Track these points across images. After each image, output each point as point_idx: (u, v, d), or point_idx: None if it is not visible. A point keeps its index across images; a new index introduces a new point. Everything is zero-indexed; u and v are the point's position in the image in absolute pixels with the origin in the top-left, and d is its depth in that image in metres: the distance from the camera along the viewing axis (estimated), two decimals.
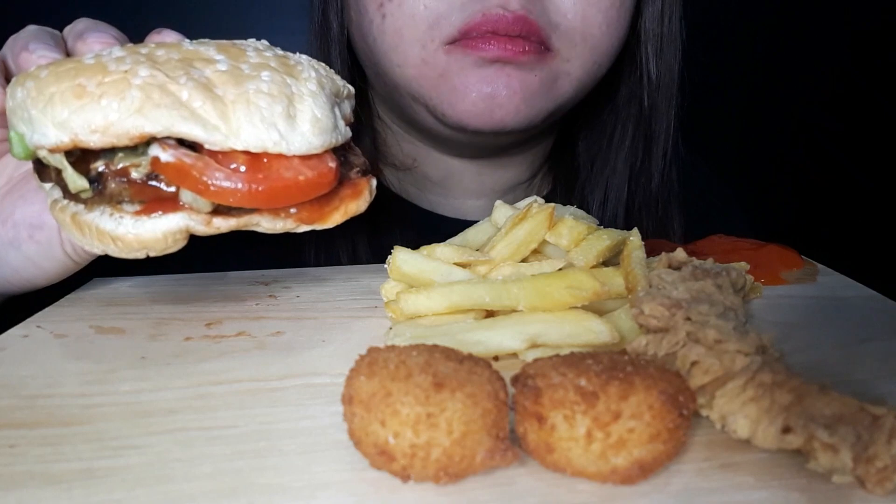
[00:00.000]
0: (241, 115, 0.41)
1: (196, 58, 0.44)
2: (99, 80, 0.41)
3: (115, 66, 0.41)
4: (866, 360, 0.45)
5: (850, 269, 0.61)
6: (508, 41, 0.64)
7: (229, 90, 0.42)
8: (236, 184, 0.42)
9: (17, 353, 0.48)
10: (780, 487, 0.32)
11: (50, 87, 0.41)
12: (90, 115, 0.40)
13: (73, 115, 0.40)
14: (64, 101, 0.41)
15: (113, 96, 0.40)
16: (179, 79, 0.41)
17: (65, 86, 0.41)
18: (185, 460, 0.35)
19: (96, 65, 0.42)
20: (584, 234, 0.51)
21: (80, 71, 0.42)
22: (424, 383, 0.31)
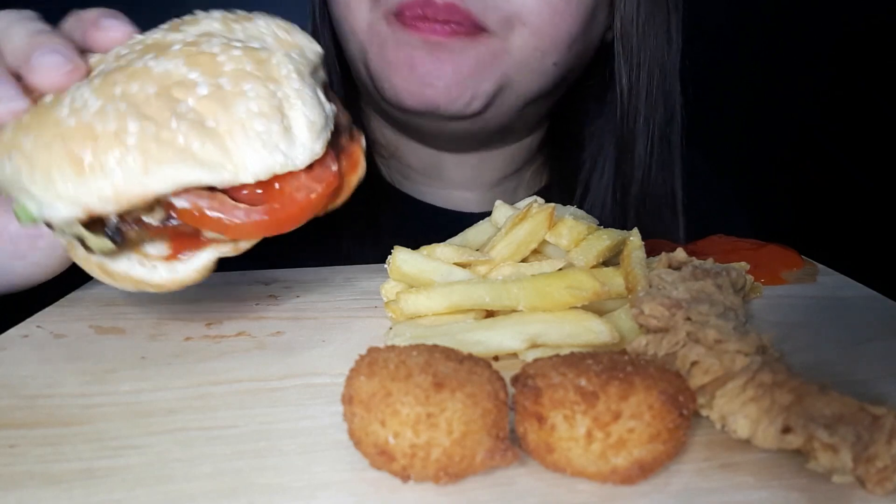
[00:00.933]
0: (242, 145, 0.41)
1: (172, 83, 0.41)
2: (92, 148, 0.39)
3: (102, 126, 0.40)
4: (866, 360, 0.45)
5: (850, 269, 0.61)
6: (437, 24, 0.66)
7: (221, 118, 0.41)
8: (254, 217, 0.42)
9: (17, 353, 0.48)
10: (780, 487, 0.32)
11: (40, 159, 0.40)
12: (97, 186, 0.39)
13: (80, 190, 0.40)
14: (65, 177, 0.40)
15: (114, 164, 0.39)
16: (170, 123, 0.40)
17: (58, 157, 0.40)
18: (185, 460, 0.35)
19: (78, 125, 0.40)
20: (584, 234, 0.51)
21: (66, 135, 0.40)
22: (424, 383, 0.31)
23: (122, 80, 0.41)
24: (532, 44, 0.70)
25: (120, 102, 0.40)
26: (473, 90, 0.69)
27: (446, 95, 0.69)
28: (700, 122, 0.84)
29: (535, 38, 0.69)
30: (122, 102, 0.40)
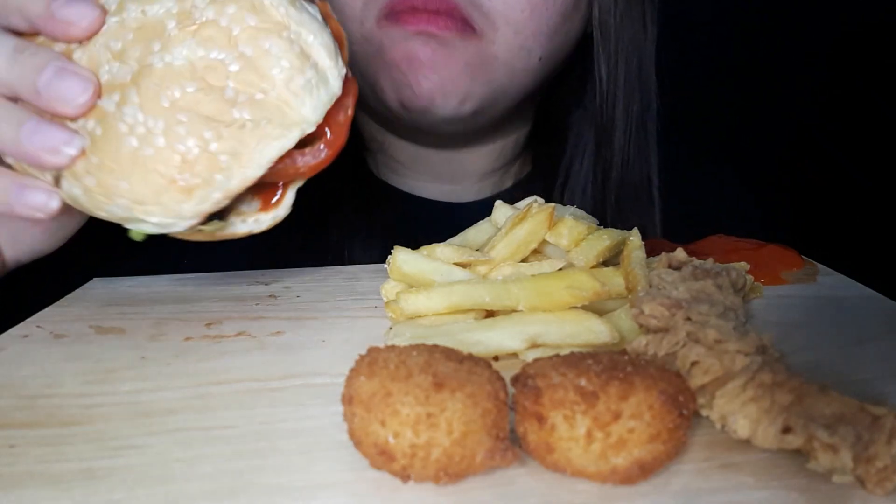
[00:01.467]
0: (295, 104, 0.44)
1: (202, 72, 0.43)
2: (189, 171, 0.43)
3: (182, 146, 0.43)
4: (866, 360, 0.45)
5: (850, 269, 0.61)
6: (430, 16, 0.66)
7: (265, 87, 0.44)
8: (322, 153, 0.48)
9: (17, 353, 0.48)
10: (780, 487, 0.32)
11: (146, 195, 0.44)
12: (209, 196, 0.44)
13: (196, 206, 0.44)
14: (178, 200, 0.44)
15: (215, 174, 0.43)
16: (232, 113, 0.43)
17: (163, 189, 0.43)
18: (185, 460, 0.35)
19: (159, 154, 0.43)
20: (584, 234, 0.51)
21: (155, 167, 0.43)
22: (424, 383, 0.31)
23: (157, 89, 0.43)
24: (517, 42, 0.70)
25: (178, 115, 0.43)
26: (466, 89, 0.70)
27: (441, 89, 0.69)
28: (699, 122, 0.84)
29: (520, 37, 0.70)
30: (179, 114, 0.43)
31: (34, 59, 0.44)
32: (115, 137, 0.43)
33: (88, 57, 0.44)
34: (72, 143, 0.44)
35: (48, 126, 0.44)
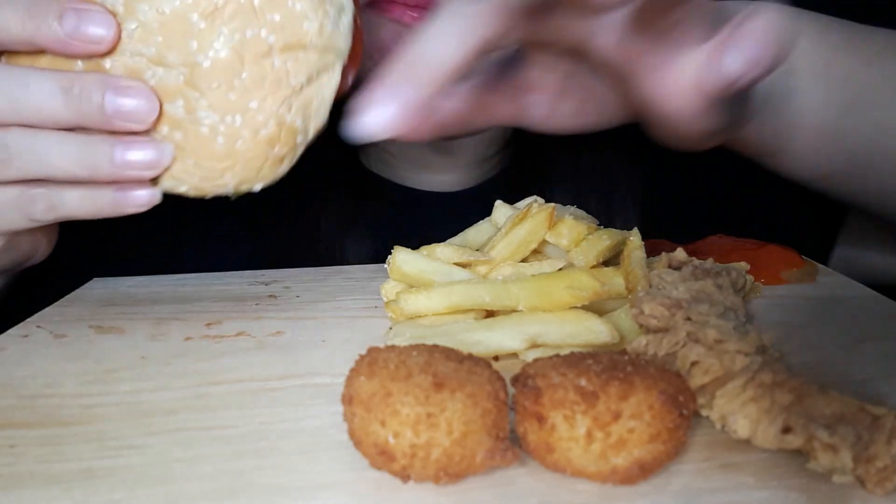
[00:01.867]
0: (331, 44, 0.48)
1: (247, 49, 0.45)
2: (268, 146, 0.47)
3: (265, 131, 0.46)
4: (866, 360, 0.45)
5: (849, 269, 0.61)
6: (408, 8, 0.64)
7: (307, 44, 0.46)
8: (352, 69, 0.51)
9: (17, 353, 0.48)
10: (780, 487, 0.32)
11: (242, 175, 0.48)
12: (297, 153, 0.49)
13: (289, 164, 0.49)
14: (273, 168, 0.48)
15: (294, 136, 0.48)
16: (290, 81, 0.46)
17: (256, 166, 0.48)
18: (185, 460, 0.35)
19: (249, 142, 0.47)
20: (584, 234, 0.51)
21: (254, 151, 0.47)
22: (424, 383, 0.31)
23: (219, 88, 0.45)
24: None
25: (248, 104, 0.46)
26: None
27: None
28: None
29: None
30: (250, 102, 0.46)
31: (89, 90, 0.44)
32: (202, 140, 0.46)
33: (124, 66, 0.45)
34: (163, 153, 0.46)
35: (135, 146, 0.45)
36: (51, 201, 0.48)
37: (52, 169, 0.46)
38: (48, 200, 0.48)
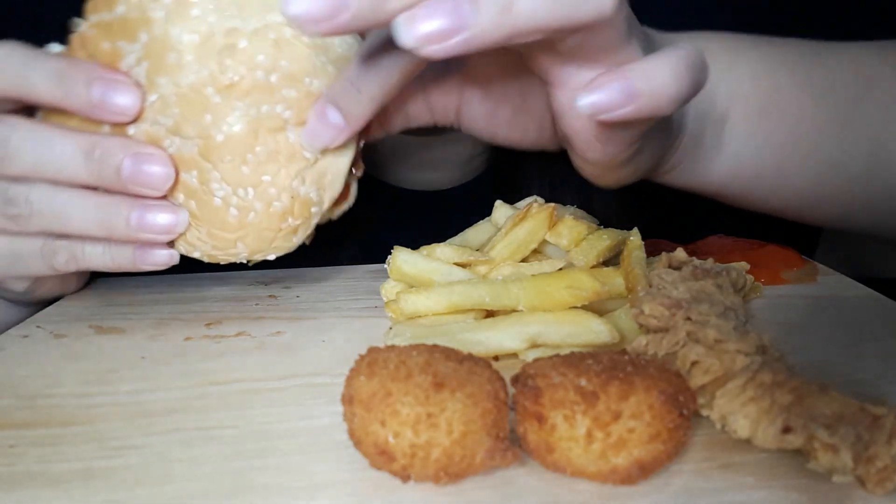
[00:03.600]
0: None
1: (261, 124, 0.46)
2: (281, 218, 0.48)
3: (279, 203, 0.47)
4: (866, 360, 0.45)
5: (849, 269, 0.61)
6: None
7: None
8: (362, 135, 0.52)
9: (17, 353, 0.48)
10: (780, 487, 0.32)
11: (255, 245, 0.49)
12: (311, 225, 0.50)
13: (302, 236, 0.50)
14: (286, 239, 0.49)
15: (308, 208, 0.49)
16: (304, 153, 0.47)
17: (269, 238, 0.48)
18: (185, 460, 0.35)
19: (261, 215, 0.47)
20: (584, 234, 0.51)
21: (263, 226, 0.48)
22: (424, 383, 0.31)
23: (232, 161, 0.46)
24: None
25: (262, 177, 0.46)
26: None
27: None
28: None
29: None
30: (263, 176, 0.46)
31: (110, 154, 0.45)
32: (215, 211, 0.47)
33: (146, 133, 0.46)
34: (178, 218, 0.47)
35: (152, 210, 0.47)
36: (73, 253, 0.49)
37: (71, 226, 0.47)
38: (70, 252, 0.49)
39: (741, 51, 0.58)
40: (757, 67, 0.58)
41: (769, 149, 0.59)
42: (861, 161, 0.59)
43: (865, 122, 0.59)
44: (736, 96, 0.57)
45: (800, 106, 0.58)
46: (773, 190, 0.61)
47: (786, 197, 0.61)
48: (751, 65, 0.58)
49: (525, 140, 0.56)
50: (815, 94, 0.58)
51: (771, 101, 0.58)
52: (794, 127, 0.58)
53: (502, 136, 0.56)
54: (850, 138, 0.59)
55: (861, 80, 0.59)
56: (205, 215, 0.47)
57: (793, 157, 0.59)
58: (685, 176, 0.58)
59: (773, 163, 0.59)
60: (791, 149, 0.59)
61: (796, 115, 0.58)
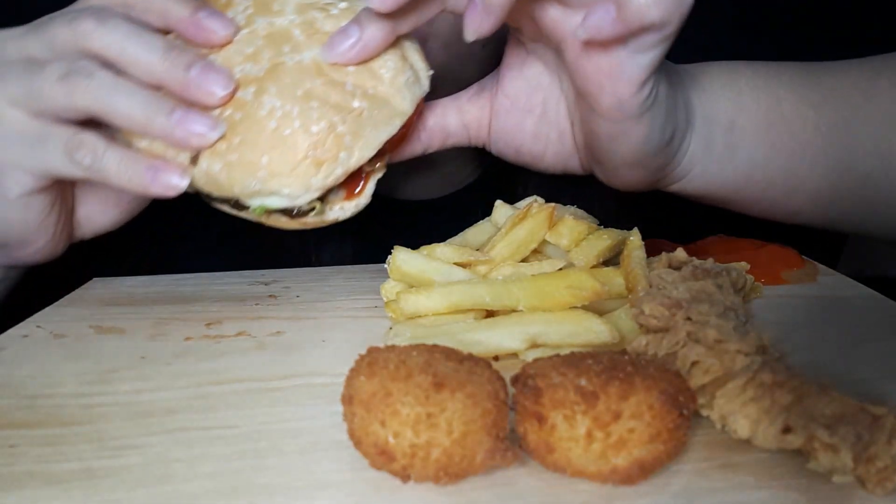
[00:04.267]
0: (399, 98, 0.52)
1: (326, 70, 0.51)
2: (321, 147, 0.49)
3: (316, 127, 0.49)
4: (866, 360, 0.45)
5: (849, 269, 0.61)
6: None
7: (376, 85, 0.51)
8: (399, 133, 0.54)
9: (17, 353, 0.48)
10: (781, 487, 0.32)
11: (285, 167, 0.50)
12: (334, 172, 0.50)
13: (323, 180, 0.50)
14: (310, 173, 0.50)
15: (341, 152, 0.50)
16: (353, 104, 0.50)
17: (301, 162, 0.50)
18: (185, 460, 0.35)
19: (297, 133, 0.49)
20: (585, 234, 0.51)
21: (296, 144, 0.49)
22: (424, 383, 0.31)
23: (291, 82, 0.50)
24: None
25: (310, 102, 0.50)
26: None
27: None
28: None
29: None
30: (311, 102, 0.50)
31: (183, 57, 0.49)
32: (256, 120, 0.49)
33: (222, 59, 0.51)
34: (215, 128, 0.50)
35: (195, 114, 0.49)
36: (95, 150, 0.50)
37: (117, 107, 0.49)
38: (93, 148, 0.50)
39: (739, 70, 0.61)
40: (756, 82, 0.61)
41: (777, 155, 0.61)
42: (869, 161, 0.61)
43: (870, 124, 0.61)
44: (739, 108, 0.60)
45: (801, 115, 0.61)
46: (786, 194, 0.63)
47: (800, 200, 0.63)
48: (749, 81, 0.61)
49: (547, 151, 0.60)
50: (814, 104, 0.61)
51: (773, 111, 0.60)
52: (799, 134, 0.61)
53: (527, 148, 0.60)
54: (855, 140, 0.61)
55: (858, 92, 0.61)
56: (245, 124, 0.49)
57: (802, 161, 0.61)
58: (698, 181, 0.61)
59: (784, 168, 0.61)
60: (799, 154, 0.61)
61: (799, 124, 0.61)
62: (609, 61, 0.49)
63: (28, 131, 0.51)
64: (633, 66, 0.49)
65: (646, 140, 0.54)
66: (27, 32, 0.51)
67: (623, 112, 0.51)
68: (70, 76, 0.49)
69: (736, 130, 0.60)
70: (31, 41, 0.51)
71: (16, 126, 0.50)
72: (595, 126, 0.54)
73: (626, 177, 0.58)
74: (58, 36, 0.50)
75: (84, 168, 0.51)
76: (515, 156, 0.62)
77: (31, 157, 0.51)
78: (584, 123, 0.56)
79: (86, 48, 0.50)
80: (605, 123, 0.53)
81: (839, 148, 0.61)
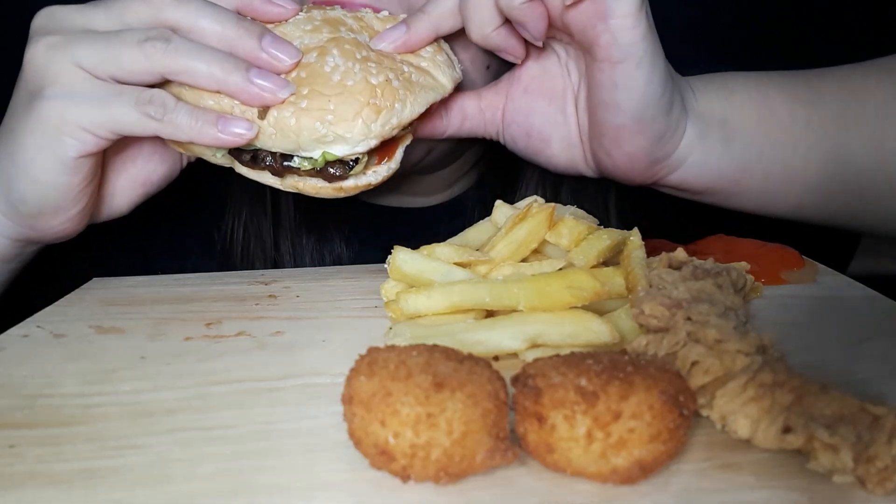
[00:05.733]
0: (440, 74, 0.59)
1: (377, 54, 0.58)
2: (380, 97, 0.55)
3: (375, 79, 0.55)
4: (866, 360, 0.45)
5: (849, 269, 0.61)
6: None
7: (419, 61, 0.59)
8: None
9: (17, 352, 0.48)
10: (781, 487, 0.32)
11: (350, 113, 0.54)
12: (389, 121, 0.55)
13: (381, 128, 0.55)
14: (372, 120, 0.54)
15: (396, 103, 0.56)
16: (404, 69, 0.57)
17: (364, 109, 0.54)
18: (185, 460, 0.35)
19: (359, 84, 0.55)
20: (585, 234, 0.51)
21: (358, 92, 0.54)
22: (424, 383, 0.31)
23: (351, 49, 0.56)
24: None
25: (368, 64, 0.56)
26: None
27: None
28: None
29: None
30: (369, 63, 0.56)
31: (254, 27, 0.55)
32: (321, 74, 0.55)
33: (281, 32, 0.57)
34: (286, 87, 0.54)
35: (267, 73, 0.54)
36: (166, 104, 0.53)
37: (196, 67, 0.53)
38: (164, 102, 0.53)
39: (729, 76, 0.64)
40: (747, 84, 0.63)
41: (771, 148, 0.62)
42: (863, 155, 0.62)
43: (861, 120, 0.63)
44: (731, 106, 0.62)
45: (792, 112, 0.63)
46: (784, 187, 0.64)
47: (799, 194, 0.64)
48: (740, 83, 0.63)
49: (554, 135, 0.64)
50: (805, 102, 0.63)
51: (764, 108, 0.63)
52: (791, 128, 0.63)
53: (536, 130, 0.64)
54: (848, 135, 0.63)
55: (848, 90, 0.63)
56: (311, 78, 0.55)
57: (795, 154, 0.63)
58: (695, 170, 0.62)
59: (778, 161, 0.63)
60: (792, 148, 0.63)
61: (791, 120, 0.63)
62: (594, 5, 0.53)
63: (96, 91, 0.53)
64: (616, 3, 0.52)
65: (646, 85, 0.55)
66: (94, 7, 0.55)
67: (620, 49, 0.54)
68: (148, 42, 0.52)
69: (729, 125, 0.62)
70: (98, 15, 0.54)
71: (83, 86, 0.53)
72: (599, 76, 0.56)
73: (628, 147, 0.59)
74: (130, 8, 0.54)
75: (156, 121, 0.53)
76: (526, 139, 0.65)
77: (100, 115, 0.53)
78: (590, 79, 0.59)
79: (160, 20, 0.53)
80: (608, 69, 0.55)
81: (832, 142, 0.63)
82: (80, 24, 0.54)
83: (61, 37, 0.53)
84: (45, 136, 0.53)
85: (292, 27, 0.57)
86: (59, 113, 0.52)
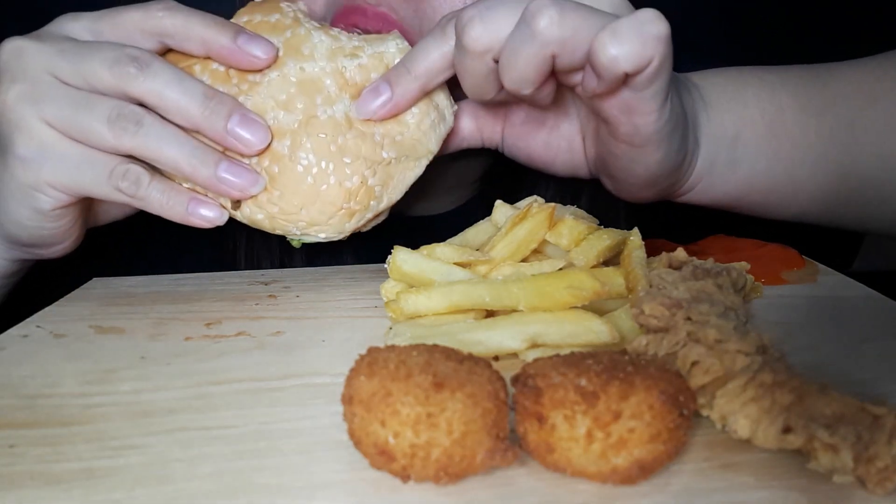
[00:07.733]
0: (425, 140, 0.57)
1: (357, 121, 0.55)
2: (354, 201, 0.55)
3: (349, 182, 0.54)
4: (866, 360, 0.45)
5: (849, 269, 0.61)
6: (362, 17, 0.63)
7: (402, 131, 0.56)
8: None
9: (17, 352, 0.48)
10: (781, 487, 0.32)
11: (322, 218, 0.55)
12: (366, 218, 0.57)
13: (356, 223, 0.57)
14: (342, 221, 0.56)
15: (372, 202, 0.56)
16: (382, 154, 0.55)
17: (336, 213, 0.55)
18: (185, 460, 0.35)
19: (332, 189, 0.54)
20: (585, 234, 0.51)
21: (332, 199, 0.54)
22: (424, 383, 0.31)
23: (326, 138, 0.54)
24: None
25: (343, 158, 0.54)
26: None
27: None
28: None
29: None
30: (345, 157, 0.54)
31: (222, 107, 0.52)
32: (294, 176, 0.54)
33: (253, 104, 0.54)
34: (257, 183, 0.53)
35: (238, 167, 0.53)
36: (138, 181, 0.52)
37: (164, 154, 0.51)
38: (136, 179, 0.52)
39: (745, 81, 0.63)
40: (760, 94, 0.63)
41: (779, 163, 0.63)
42: (870, 163, 0.63)
43: (871, 128, 0.62)
44: (744, 120, 0.62)
45: (803, 123, 0.63)
46: (788, 198, 0.65)
47: (803, 203, 0.65)
48: (755, 92, 0.63)
49: (557, 159, 0.63)
50: (816, 111, 0.63)
51: (776, 121, 0.62)
52: (800, 140, 0.63)
53: (538, 155, 0.63)
54: (856, 144, 0.63)
55: (862, 95, 0.63)
56: (283, 179, 0.54)
57: (802, 167, 0.63)
58: (702, 194, 0.63)
59: (784, 174, 0.63)
60: (799, 161, 0.63)
61: (801, 131, 0.63)
62: (618, 101, 0.51)
63: (68, 153, 0.52)
64: (640, 101, 0.50)
65: (662, 161, 0.55)
66: (61, 55, 0.51)
67: (642, 138, 0.53)
68: (119, 121, 0.50)
69: (740, 144, 0.62)
70: (64, 68, 0.51)
71: (55, 146, 0.51)
72: (614, 149, 0.56)
73: (637, 194, 0.60)
74: (96, 75, 0.51)
75: (126, 195, 0.53)
76: (527, 161, 0.64)
77: (71, 180, 0.52)
78: (603, 146, 0.57)
79: (126, 93, 0.51)
80: (624, 148, 0.54)
81: (840, 152, 0.63)
82: (49, 68, 0.51)
83: (29, 86, 0.51)
84: (21, 192, 0.53)
85: (264, 95, 0.54)
86: (33, 174, 0.52)
